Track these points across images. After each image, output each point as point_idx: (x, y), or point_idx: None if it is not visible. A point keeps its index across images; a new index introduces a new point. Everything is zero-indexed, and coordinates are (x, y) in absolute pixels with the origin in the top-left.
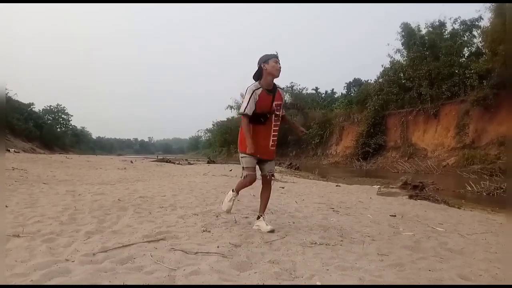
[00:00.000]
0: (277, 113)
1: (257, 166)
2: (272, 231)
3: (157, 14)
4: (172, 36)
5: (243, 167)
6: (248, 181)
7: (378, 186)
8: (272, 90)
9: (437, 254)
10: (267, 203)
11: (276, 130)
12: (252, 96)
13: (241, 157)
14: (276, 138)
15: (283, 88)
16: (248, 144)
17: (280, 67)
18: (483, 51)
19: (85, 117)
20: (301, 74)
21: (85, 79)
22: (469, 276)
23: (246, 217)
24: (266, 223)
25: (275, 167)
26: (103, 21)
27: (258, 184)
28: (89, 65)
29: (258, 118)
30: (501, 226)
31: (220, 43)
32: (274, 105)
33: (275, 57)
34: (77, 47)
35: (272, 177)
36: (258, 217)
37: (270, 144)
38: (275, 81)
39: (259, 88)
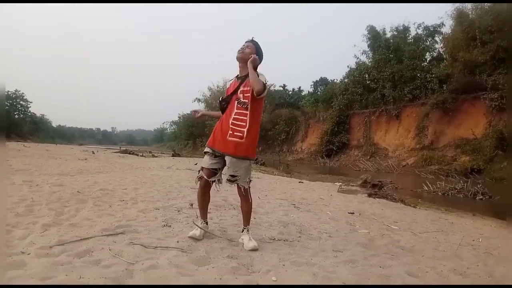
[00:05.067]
0: (243, 100)
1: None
2: (254, 249)
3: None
4: (139, 28)
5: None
6: (200, 186)
7: (340, 184)
8: (242, 77)
9: (389, 251)
10: (248, 216)
11: (238, 119)
12: (225, 86)
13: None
14: (238, 127)
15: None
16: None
17: (239, 49)
18: (444, 56)
19: (45, 104)
20: (269, 71)
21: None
22: (416, 273)
23: (208, 212)
24: (250, 237)
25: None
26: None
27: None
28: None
29: (221, 104)
30: (451, 225)
31: (190, 36)
32: (239, 91)
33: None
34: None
35: (236, 183)
36: (242, 230)
37: (228, 133)
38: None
39: (233, 78)
